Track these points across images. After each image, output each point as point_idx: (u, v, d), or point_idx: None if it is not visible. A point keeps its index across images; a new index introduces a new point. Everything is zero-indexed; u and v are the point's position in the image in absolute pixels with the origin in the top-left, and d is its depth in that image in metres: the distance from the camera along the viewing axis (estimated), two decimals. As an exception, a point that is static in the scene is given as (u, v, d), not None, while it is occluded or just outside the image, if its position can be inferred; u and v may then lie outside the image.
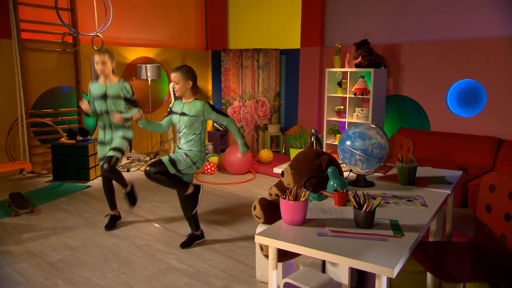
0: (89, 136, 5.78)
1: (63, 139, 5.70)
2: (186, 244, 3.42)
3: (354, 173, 2.60)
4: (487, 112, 4.99)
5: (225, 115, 3.32)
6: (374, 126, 2.49)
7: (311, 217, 2.01)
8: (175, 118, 3.31)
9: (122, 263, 3.14)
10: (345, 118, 5.98)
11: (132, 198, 3.93)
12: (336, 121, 6.13)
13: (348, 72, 5.82)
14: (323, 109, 6.66)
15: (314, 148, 2.97)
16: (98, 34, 6.13)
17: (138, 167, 6.32)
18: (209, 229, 3.83)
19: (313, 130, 3.00)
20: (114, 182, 3.79)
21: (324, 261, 2.57)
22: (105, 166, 3.59)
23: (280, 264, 2.78)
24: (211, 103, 3.24)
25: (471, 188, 4.20)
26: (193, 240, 3.46)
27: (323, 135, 6.08)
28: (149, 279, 2.91)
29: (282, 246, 1.76)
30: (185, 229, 3.81)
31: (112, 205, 3.89)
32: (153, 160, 3.46)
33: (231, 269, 3.05)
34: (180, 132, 3.25)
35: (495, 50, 4.87)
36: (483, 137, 4.94)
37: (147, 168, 3.11)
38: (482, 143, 4.87)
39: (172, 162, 3.15)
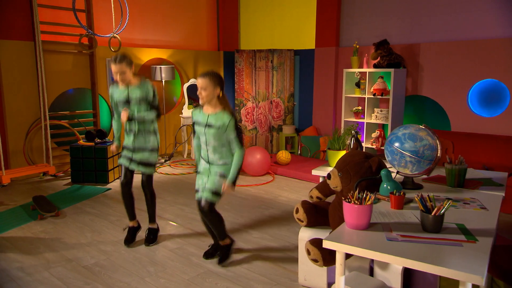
0: (106, 138, 5.73)
1: (81, 141, 5.65)
2: (222, 259, 3.20)
3: (401, 175, 2.57)
4: (511, 112, 4.97)
5: (241, 142, 2.99)
6: (423, 127, 2.46)
7: (371, 220, 1.98)
8: (199, 129, 3.04)
9: (159, 267, 3.10)
10: (363, 118, 5.95)
11: (153, 236, 3.61)
12: (354, 121, 6.10)
13: (367, 73, 5.80)
14: (338, 110, 6.63)
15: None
16: (115, 35, 6.09)
17: (156, 168, 6.27)
18: (239, 232, 3.79)
19: (353, 132, 2.97)
20: (133, 190, 3.59)
21: (372, 265, 2.54)
22: (143, 184, 3.46)
23: (324, 269, 2.74)
24: (236, 118, 2.99)
25: (501, 189, 4.17)
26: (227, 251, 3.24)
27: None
28: (189, 284, 2.87)
29: (353, 251, 1.72)
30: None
31: (131, 214, 3.58)
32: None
33: (270, 273, 3.01)
34: (208, 145, 3.00)
35: (519, 50, 4.84)
36: (507, 137, 4.91)
37: (207, 211, 2.98)
38: (506, 143, 4.84)
39: (214, 193, 2.99)
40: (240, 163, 2.99)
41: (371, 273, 2.55)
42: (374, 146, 5.81)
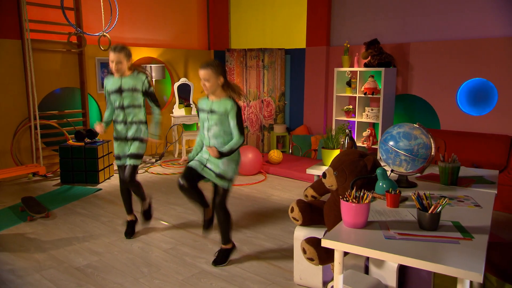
0: (96, 138, 5.66)
1: (70, 141, 5.58)
2: (218, 262, 3.16)
3: (395, 173, 2.59)
4: (499, 111, 5.04)
5: (241, 131, 2.98)
6: (417, 126, 2.47)
7: (368, 219, 1.98)
8: (202, 116, 3.07)
9: (153, 268, 3.08)
10: (354, 117, 5.98)
11: (147, 215, 3.78)
12: (344, 120, 6.13)
13: (358, 72, 5.83)
14: (329, 109, 6.65)
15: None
16: (105, 33, 6.02)
17: (145, 168, 6.23)
18: (233, 231, 3.77)
19: (347, 131, 2.98)
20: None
21: (367, 264, 2.55)
22: (126, 177, 3.45)
23: (320, 267, 2.75)
24: (240, 107, 3.03)
25: (490, 186, 4.23)
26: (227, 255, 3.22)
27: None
28: (184, 284, 2.85)
29: (352, 250, 1.72)
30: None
31: (129, 209, 3.69)
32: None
33: (265, 273, 3.01)
34: (210, 130, 3.01)
35: (506, 49, 4.91)
36: (495, 135, 4.98)
37: (218, 204, 2.98)
38: (494, 141, 4.91)
39: (221, 176, 2.99)
40: (235, 146, 2.99)
41: (366, 271, 2.56)
42: (365, 145, 5.84)
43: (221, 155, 2.98)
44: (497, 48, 4.97)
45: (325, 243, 1.78)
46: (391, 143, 2.45)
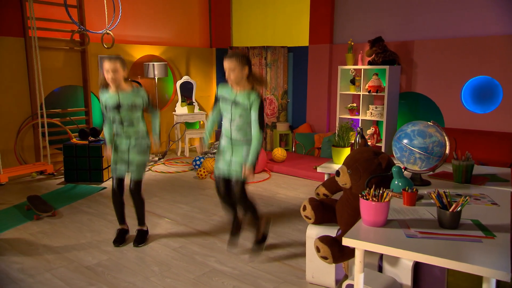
0: (100, 136, 5.64)
1: (74, 139, 5.55)
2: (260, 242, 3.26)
3: (409, 171, 2.59)
4: (503, 109, 5.05)
5: (262, 126, 2.88)
6: (432, 124, 2.47)
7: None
8: (224, 106, 2.95)
9: (163, 267, 3.06)
10: (358, 115, 5.98)
11: (141, 238, 3.51)
12: (348, 118, 6.12)
13: (362, 70, 5.82)
14: (332, 107, 6.64)
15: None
16: (108, 31, 5.98)
17: (149, 167, 6.20)
18: (243, 231, 3.77)
19: (358, 129, 2.97)
20: (124, 195, 3.49)
21: (380, 263, 2.55)
22: (132, 187, 3.36)
23: (332, 266, 2.74)
24: (263, 101, 2.92)
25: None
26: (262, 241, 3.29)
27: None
28: (196, 283, 2.84)
29: (374, 249, 1.72)
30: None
31: (121, 219, 3.55)
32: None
33: (276, 271, 3.00)
34: (233, 123, 2.92)
35: (511, 47, 4.91)
36: (500, 133, 4.99)
37: (238, 197, 2.97)
38: (499, 139, 4.92)
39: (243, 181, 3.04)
40: (259, 147, 2.95)
41: (380, 270, 2.56)
42: (369, 143, 5.84)
43: (254, 167, 2.99)
44: (502, 45, 4.97)
45: (346, 242, 1.77)
46: (405, 141, 2.44)
